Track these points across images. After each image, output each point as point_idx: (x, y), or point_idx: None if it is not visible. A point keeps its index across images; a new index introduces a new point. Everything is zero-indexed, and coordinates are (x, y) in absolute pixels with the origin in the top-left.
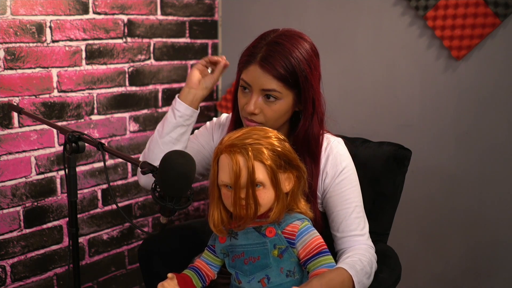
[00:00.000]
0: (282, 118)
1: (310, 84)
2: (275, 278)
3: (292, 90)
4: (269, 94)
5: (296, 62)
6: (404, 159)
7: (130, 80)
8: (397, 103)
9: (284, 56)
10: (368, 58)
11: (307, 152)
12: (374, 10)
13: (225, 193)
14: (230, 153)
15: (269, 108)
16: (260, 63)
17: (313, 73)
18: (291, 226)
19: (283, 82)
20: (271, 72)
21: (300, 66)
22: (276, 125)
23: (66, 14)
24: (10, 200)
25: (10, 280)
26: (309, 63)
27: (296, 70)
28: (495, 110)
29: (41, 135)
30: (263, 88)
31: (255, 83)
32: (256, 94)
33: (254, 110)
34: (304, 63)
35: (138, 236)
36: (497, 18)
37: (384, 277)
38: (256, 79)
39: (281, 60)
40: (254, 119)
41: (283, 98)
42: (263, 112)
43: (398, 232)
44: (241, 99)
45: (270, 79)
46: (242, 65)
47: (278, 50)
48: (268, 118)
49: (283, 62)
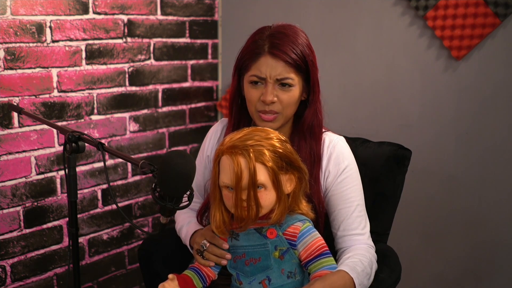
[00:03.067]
0: (294, 106)
1: (316, 67)
2: (276, 279)
3: (301, 76)
4: (284, 83)
5: (302, 47)
6: (404, 159)
7: (130, 80)
8: (397, 103)
9: (291, 42)
10: (368, 58)
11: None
12: (374, 10)
13: (226, 195)
14: (232, 154)
15: (286, 94)
16: (270, 53)
17: (314, 57)
18: (293, 228)
19: (295, 68)
20: (284, 59)
21: (306, 51)
22: (290, 114)
23: (66, 14)
24: (10, 200)
25: (10, 280)
26: (310, 48)
27: (304, 54)
28: (495, 110)
29: (41, 135)
30: (278, 78)
31: (270, 73)
32: (271, 83)
33: (273, 99)
34: (307, 47)
35: (138, 236)
36: (497, 18)
37: (384, 277)
38: (270, 69)
39: (289, 46)
40: (273, 108)
41: (296, 84)
42: (279, 100)
43: (398, 232)
44: (253, 94)
45: (284, 66)
46: (247, 62)
47: (283, 38)
48: (285, 105)
49: (292, 48)
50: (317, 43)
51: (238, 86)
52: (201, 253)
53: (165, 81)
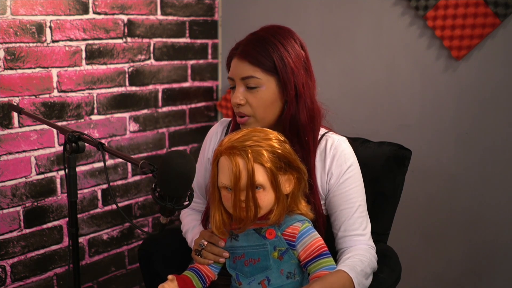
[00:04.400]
0: (270, 108)
1: (290, 68)
2: (276, 279)
3: (272, 75)
4: (250, 82)
5: (271, 46)
6: (404, 159)
7: (130, 80)
8: (397, 103)
9: (259, 42)
10: (368, 58)
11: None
12: (374, 10)
13: (225, 195)
14: (230, 155)
15: (253, 97)
16: (238, 55)
17: (292, 57)
18: (292, 228)
19: (259, 67)
20: (247, 59)
21: (275, 49)
22: (266, 117)
23: (66, 14)
24: (10, 200)
25: (10, 280)
26: (287, 47)
27: (270, 52)
28: (495, 110)
29: (41, 135)
30: (241, 77)
31: (235, 74)
32: (239, 85)
33: (240, 100)
34: (280, 47)
35: (138, 236)
36: (497, 18)
37: (384, 277)
38: (235, 70)
39: (256, 47)
40: (242, 111)
41: (264, 84)
42: (248, 102)
43: (398, 232)
44: (231, 98)
45: (246, 65)
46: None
47: (254, 39)
48: (255, 108)
49: (257, 48)
50: (317, 43)
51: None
52: (199, 253)
53: (165, 81)
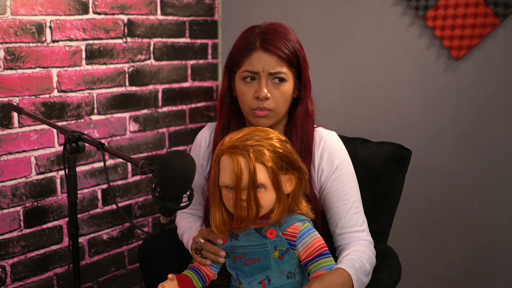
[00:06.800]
0: (287, 103)
1: (307, 63)
2: (276, 279)
3: (293, 71)
4: (277, 77)
5: (293, 43)
6: (404, 159)
7: (130, 80)
8: (397, 103)
9: (283, 37)
10: (368, 58)
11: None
12: (374, 10)
13: (226, 195)
14: (231, 154)
15: (278, 91)
16: (263, 47)
17: (304, 54)
18: (292, 228)
19: (287, 62)
20: (277, 53)
21: (297, 46)
22: (282, 112)
23: (66, 14)
24: (10, 200)
25: (10, 280)
26: (300, 45)
27: (295, 49)
28: (495, 110)
29: (41, 135)
30: (271, 72)
31: (263, 67)
32: (264, 78)
33: (268, 94)
34: (298, 44)
35: (138, 236)
36: (497, 18)
37: (384, 277)
38: (263, 63)
39: (281, 41)
40: (267, 105)
41: (288, 79)
42: (273, 96)
43: (398, 232)
44: (248, 91)
45: (277, 60)
46: (239, 59)
47: (274, 34)
48: (278, 102)
49: (283, 43)
50: (317, 43)
51: (228, 86)
52: (199, 251)
53: (165, 81)
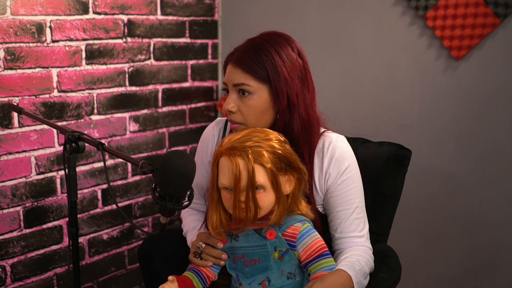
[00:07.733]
0: (262, 117)
1: (283, 77)
2: (276, 280)
3: (264, 84)
4: (241, 89)
5: (265, 54)
6: (404, 159)
7: (130, 80)
8: (397, 103)
9: (253, 49)
10: (368, 58)
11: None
12: (374, 10)
13: (225, 196)
14: (230, 155)
15: (245, 105)
16: (232, 61)
17: (286, 65)
18: (292, 229)
19: (251, 74)
20: (240, 65)
21: (270, 57)
22: (258, 125)
23: (66, 14)
24: (10, 200)
25: (10, 280)
26: (282, 55)
27: (263, 60)
28: (495, 110)
29: (41, 135)
30: (234, 83)
31: (229, 80)
32: (231, 91)
33: (231, 108)
34: (275, 55)
35: (138, 236)
36: (497, 18)
37: (384, 277)
38: (229, 75)
39: (250, 54)
40: (233, 118)
41: (256, 92)
42: (240, 110)
43: (398, 232)
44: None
45: (239, 72)
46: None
47: (249, 46)
48: (245, 116)
49: (251, 55)
50: (317, 43)
51: None
52: (199, 255)
53: (165, 81)
